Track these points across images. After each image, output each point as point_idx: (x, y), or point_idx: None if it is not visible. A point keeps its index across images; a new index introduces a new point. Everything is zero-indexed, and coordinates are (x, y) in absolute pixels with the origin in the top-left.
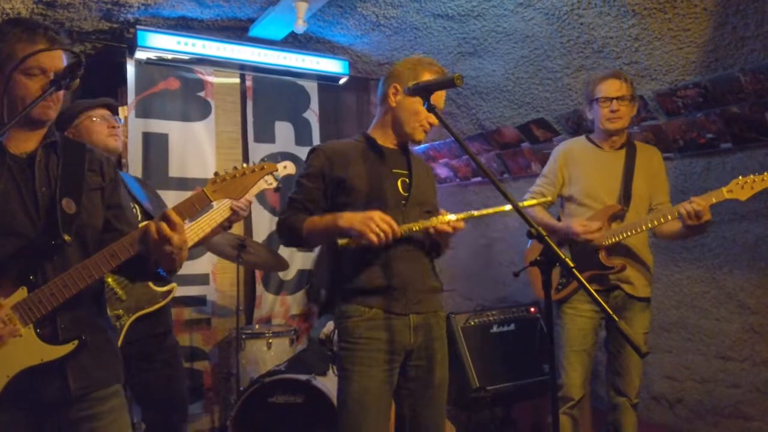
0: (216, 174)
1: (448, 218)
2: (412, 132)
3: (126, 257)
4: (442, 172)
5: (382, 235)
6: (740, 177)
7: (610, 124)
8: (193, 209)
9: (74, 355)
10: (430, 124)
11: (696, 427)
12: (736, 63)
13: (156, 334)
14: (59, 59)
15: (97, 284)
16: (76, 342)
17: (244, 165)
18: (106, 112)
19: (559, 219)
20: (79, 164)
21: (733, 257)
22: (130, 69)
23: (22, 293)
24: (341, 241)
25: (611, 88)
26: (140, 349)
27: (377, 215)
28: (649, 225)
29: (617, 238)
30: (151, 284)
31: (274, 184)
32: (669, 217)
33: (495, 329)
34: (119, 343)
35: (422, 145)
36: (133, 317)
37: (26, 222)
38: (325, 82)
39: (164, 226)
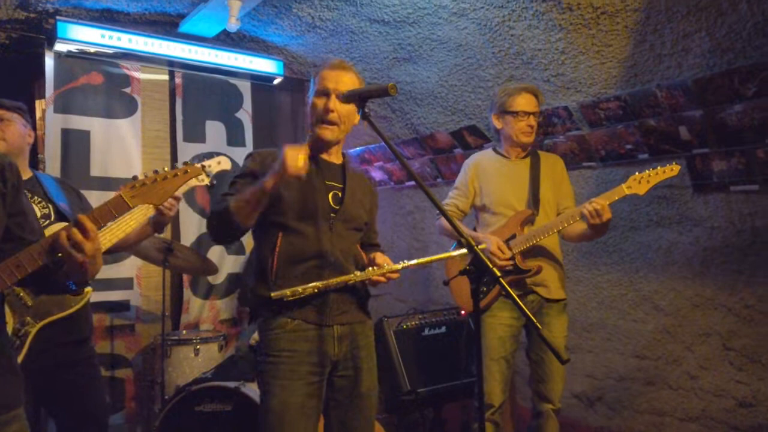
0: (135, 178)
1: (384, 269)
2: (315, 128)
3: (33, 268)
4: (377, 175)
5: (298, 159)
6: (636, 173)
7: (526, 138)
8: (110, 215)
9: None
10: (330, 111)
11: (614, 424)
12: (653, 78)
13: (70, 342)
14: None
15: None
16: None
17: (166, 169)
18: None
19: (474, 229)
20: None
21: (648, 262)
22: (49, 61)
23: None
24: (274, 294)
25: (530, 103)
26: (53, 358)
27: (285, 153)
28: (559, 227)
29: (531, 243)
30: None
31: (206, 181)
32: (572, 219)
33: (426, 332)
34: (23, 353)
35: (358, 149)
36: (41, 324)
37: None
38: (259, 81)
39: (76, 232)
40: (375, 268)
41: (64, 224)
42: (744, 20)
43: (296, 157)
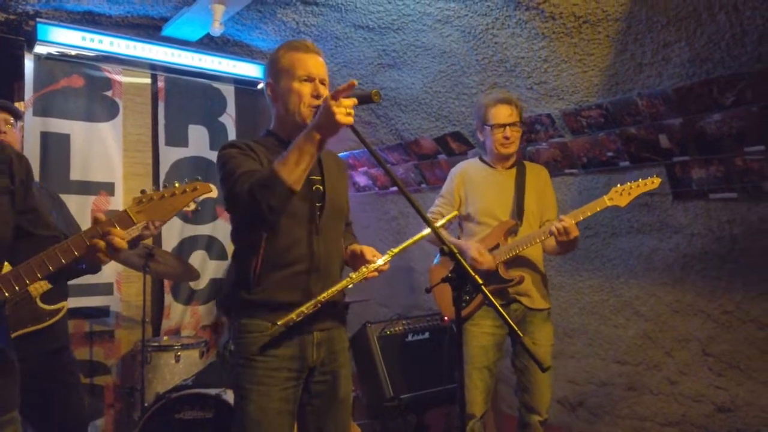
0: (143, 192)
1: (377, 264)
2: (301, 117)
3: (58, 267)
4: (361, 180)
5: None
6: (618, 185)
7: (504, 149)
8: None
9: None
10: (321, 96)
11: (596, 429)
12: (634, 87)
13: (47, 351)
14: None
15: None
16: None
17: (176, 184)
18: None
19: (458, 238)
20: None
21: (629, 268)
22: (29, 64)
23: None
24: (281, 322)
25: (503, 114)
26: (29, 367)
27: (330, 102)
28: (542, 238)
29: (514, 252)
30: (38, 301)
31: (192, 206)
32: (543, 236)
33: (410, 338)
34: None
35: (342, 154)
36: (13, 336)
37: None
38: (243, 86)
39: (118, 240)
40: (367, 265)
41: None
42: (722, 31)
43: (345, 109)
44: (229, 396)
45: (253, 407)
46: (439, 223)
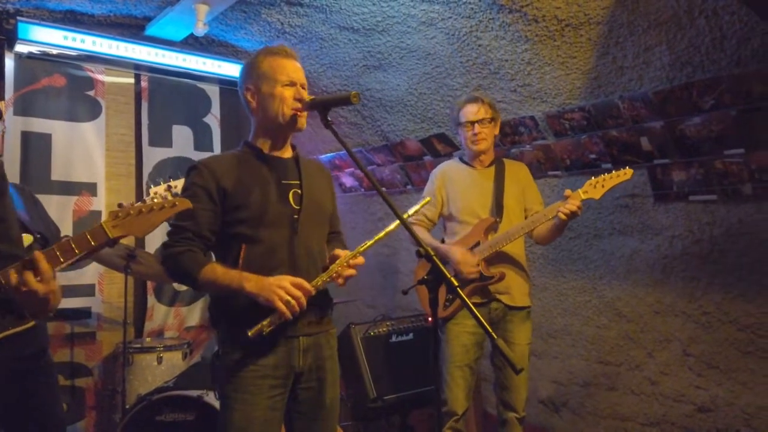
0: (120, 206)
1: (345, 256)
2: (284, 118)
3: None
4: (348, 181)
5: (293, 303)
6: (592, 177)
7: (474, 146)
8: (86, 245)
9: None
10: (301, 100)
11: (578, 429)
12: (615, 90)
13: (26, 355)
14: None
15: None
16: None
17: (154, 200)
18: None
19: (442, 240)
20: None
21: (611, 269)
22: (9, 63)
23: None
24: (251, 332)
25: (471, 112)
26: (7, 371)
27: (287, 281)
28: (522, 233)
29: (494, 249)
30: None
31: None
32: (544, 218)
33: (394, 339)
34: None
35: (328, 155)
36: None
37: None
38: (228, 86)
39: (30, 278)
40: (337, 262)
41: (25, 235)
42: (702, 35)
43: (299, 298)
44: (212, 398)
45: (238, 416)
46: (409, 211)
